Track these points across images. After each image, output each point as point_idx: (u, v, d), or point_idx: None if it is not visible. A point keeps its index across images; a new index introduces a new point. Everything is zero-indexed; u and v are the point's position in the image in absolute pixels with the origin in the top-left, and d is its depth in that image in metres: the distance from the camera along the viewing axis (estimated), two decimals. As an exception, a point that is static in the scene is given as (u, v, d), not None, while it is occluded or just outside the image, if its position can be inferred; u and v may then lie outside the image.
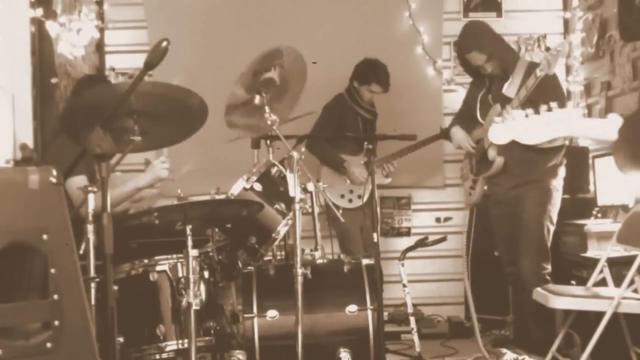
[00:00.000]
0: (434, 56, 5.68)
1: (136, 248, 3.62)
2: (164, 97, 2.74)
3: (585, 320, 3.71)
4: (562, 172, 4.15)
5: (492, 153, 4.10)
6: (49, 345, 2.10)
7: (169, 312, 3.23)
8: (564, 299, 3.55)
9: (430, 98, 5.71)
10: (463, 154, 4.55)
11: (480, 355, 4.25)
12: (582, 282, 4.01)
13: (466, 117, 4.40)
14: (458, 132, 4.39)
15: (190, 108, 2.79)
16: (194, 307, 2.99)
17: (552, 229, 4.11)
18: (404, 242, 5.42)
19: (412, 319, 4.24)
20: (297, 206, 3.29)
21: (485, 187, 4.29)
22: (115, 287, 2.99)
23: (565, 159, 4.16)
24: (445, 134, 5.17)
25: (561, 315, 3.93)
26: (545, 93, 3.94)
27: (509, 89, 4.04)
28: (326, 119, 5.01)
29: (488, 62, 4.13)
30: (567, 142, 4.22)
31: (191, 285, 3.00)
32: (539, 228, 4.06)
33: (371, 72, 4.99)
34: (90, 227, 2.78)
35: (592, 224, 4.41)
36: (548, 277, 4.05)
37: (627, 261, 3.55)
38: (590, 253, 4.21)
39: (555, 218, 4.12)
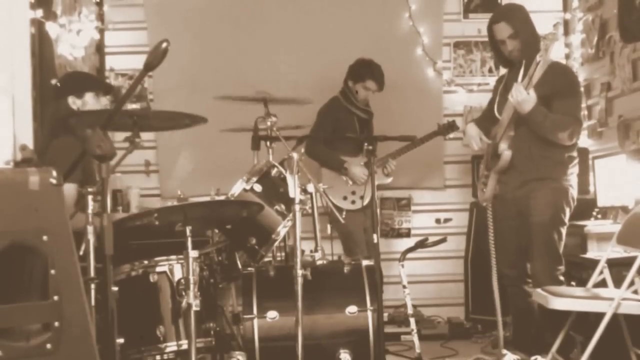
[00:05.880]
0: (434, 57, 5.67)
1: (136, 249, 3.62)
2: None
3: (585, 322, 3.70)
4: (574, 169, 4.00)
5: (502, 146, 3.96)
6: (49, 346, 2.09)
7: (169, 313, 3.23)
8: (564, 300, 3.55)
9: (430, 99, 5.71)
10: (463, 156, 4.52)
11: (479, 356, 4.26)
12: (582, 283, 4.00)
13: (489, 116, 4.23)
14: (471, 129, 4.20)
15: None
16: (194, 308, 2.99)
17: (563, 231, 3.97)
18: (404, 243, 5.41)
19: (412, 320, 4.23)
20: (297, 207, 3.29)
21: None
22: (115, 288, 2.96)
23: (577, 157, 4.02)
24: (443, 130, 5.16)
25: (561, 316, 3.93)
26: (556, 83, 3.85)
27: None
28: (322, 122, 5.01)
29: (511, 39, 3.98)
30: (577, 141, 4.09)
31: (191, 286, 3.00)
32: (548, 232, 3.93)
33: (365, 69, 5.00)
34: (90, 229, 2.77)
35: (592, 225, 4.41)
36: (562, 278, 3.96)
37: (627, 262, 3.55)
38: (590, 254, 4.20)
39: (567, 217, 3.97)
